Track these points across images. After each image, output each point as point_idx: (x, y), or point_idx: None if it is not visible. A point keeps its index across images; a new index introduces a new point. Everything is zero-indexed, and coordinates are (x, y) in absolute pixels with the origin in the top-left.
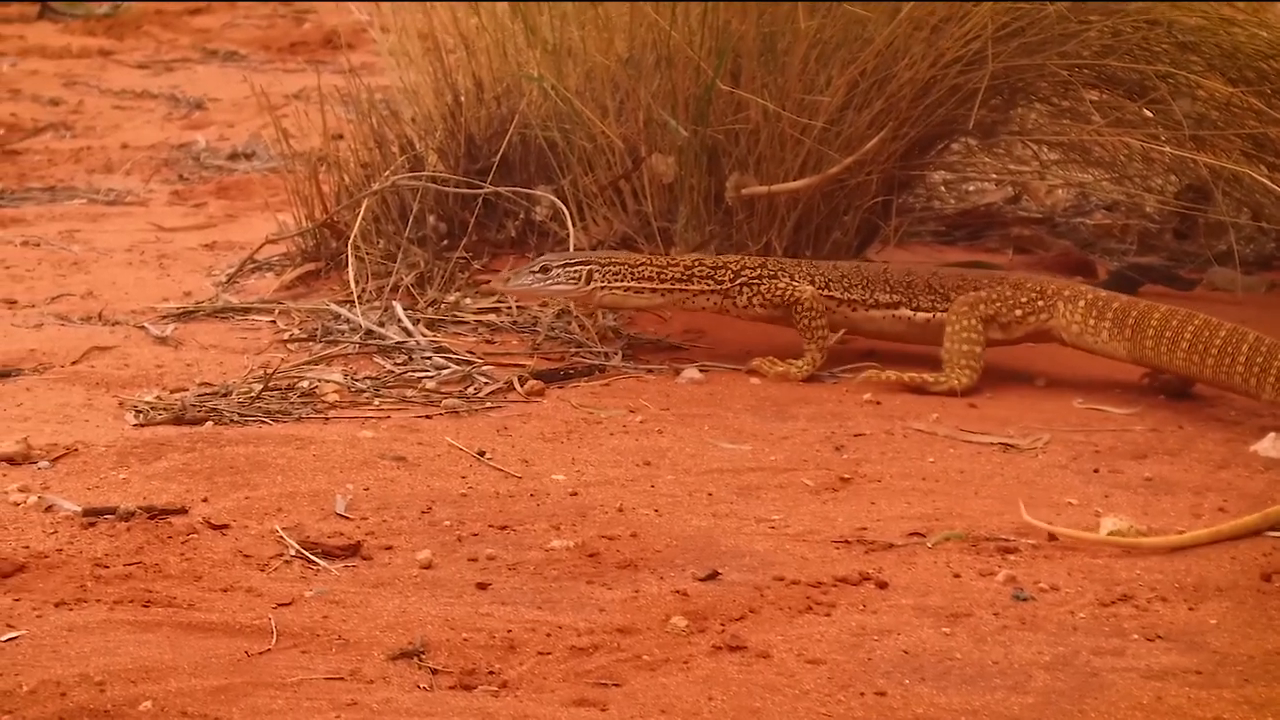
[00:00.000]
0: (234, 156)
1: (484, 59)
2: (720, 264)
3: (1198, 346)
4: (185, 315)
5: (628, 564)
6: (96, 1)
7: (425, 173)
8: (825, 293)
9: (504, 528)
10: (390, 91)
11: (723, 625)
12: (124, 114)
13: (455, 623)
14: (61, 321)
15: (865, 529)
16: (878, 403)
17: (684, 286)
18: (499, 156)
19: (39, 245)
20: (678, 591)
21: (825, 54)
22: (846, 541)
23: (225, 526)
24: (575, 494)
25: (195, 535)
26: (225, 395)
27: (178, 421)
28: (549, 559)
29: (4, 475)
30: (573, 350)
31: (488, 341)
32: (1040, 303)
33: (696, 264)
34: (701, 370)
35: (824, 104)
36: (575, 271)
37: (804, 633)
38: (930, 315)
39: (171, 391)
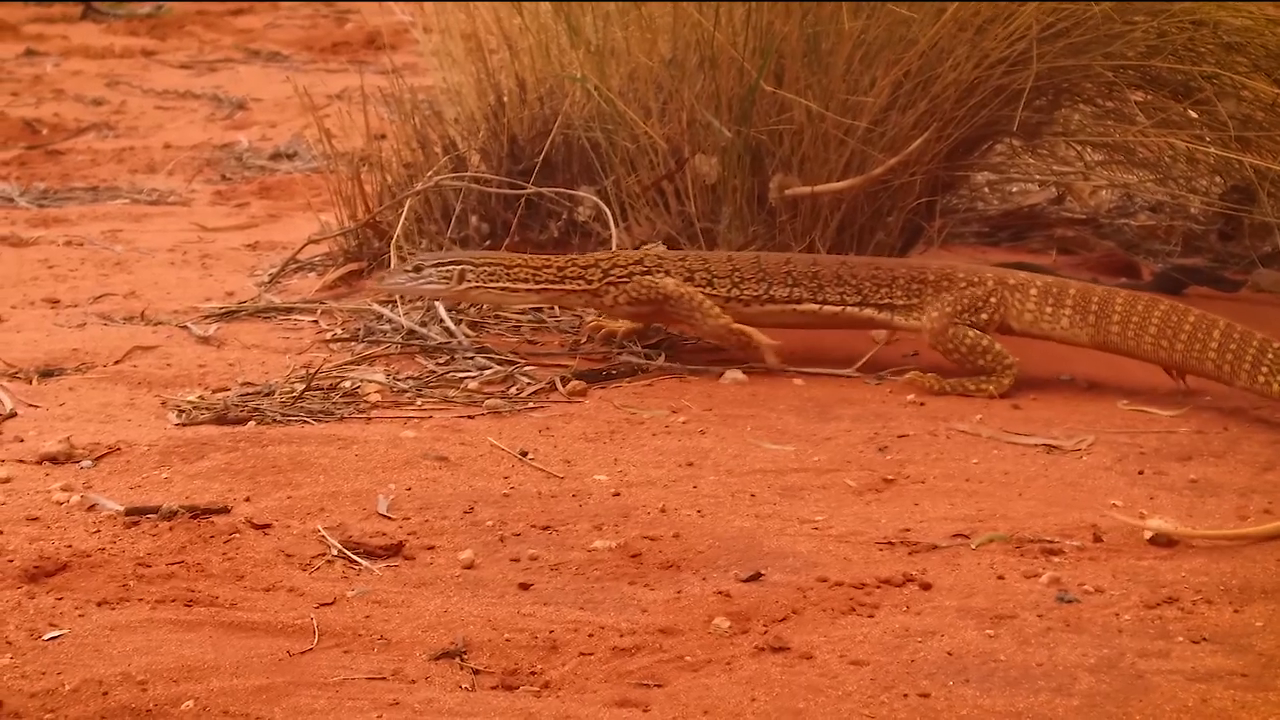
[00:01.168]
0: (276, 156)
1: (527, 60)
2: (592, 263)
3: (1166, 332)
4: (228, 315)
5: (670, 564)
6: (139, 2)
7: (468, 173)
8: (709, 290)
9: (546, 528)
10: (433, 92)
11: (765, 626)
12: (167, 114)
13: (497, 623)
14: (104, 321)
15: (909, 530)
16: (921, 404)
17: (558, 286)
18: (542, 157)
19: (82, 245)
20: (720, 592)
21: (869, 54)
22: (890, 543)
23: (268, 526)
24: (618, 494)
25: (238, 535)
26: (268, 395)
27: (220, 421)
28: (591, 559)
29: (47, 475)
30: (615, 350)
31: (530, 342)
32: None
33: (570, 264)
34: (745, 371)
35: (868, 104)
36: (447, 271)
37: (847, 634)
38: (839, 309)
39: (214, 391)
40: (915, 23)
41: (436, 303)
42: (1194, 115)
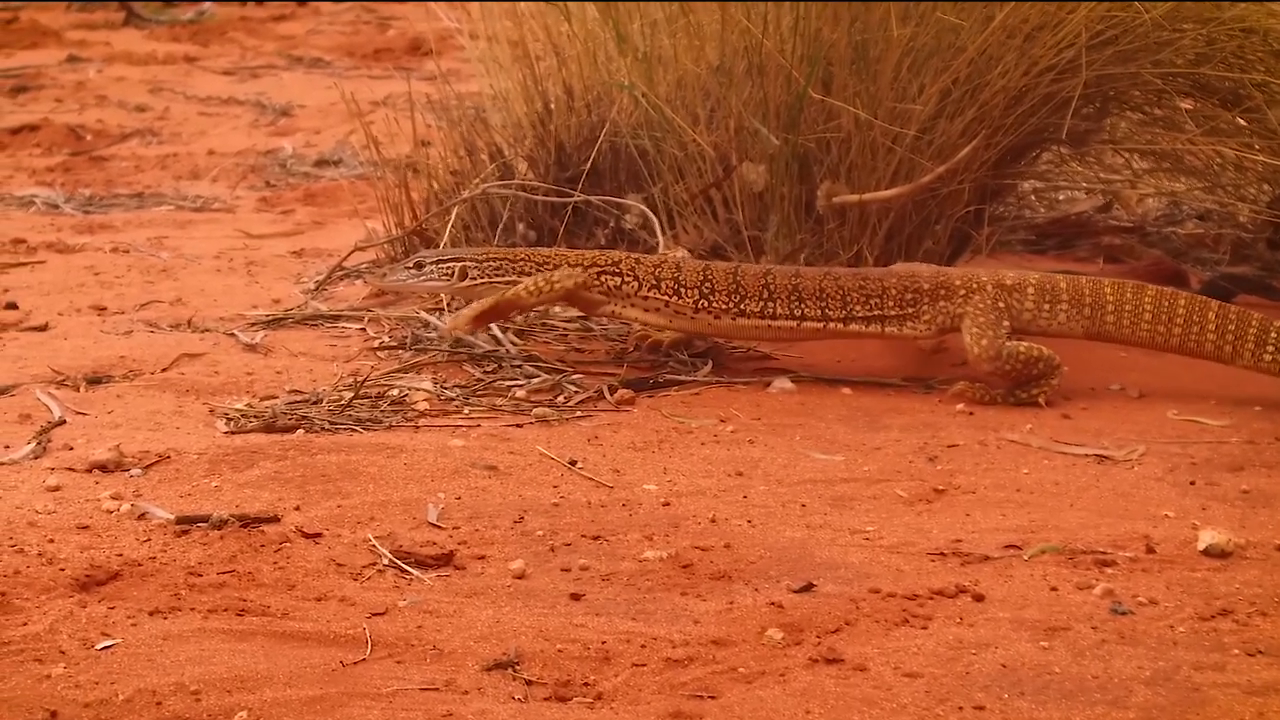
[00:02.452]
0: (321, 163)
1: (574, 67)
2: (589, 260)
3: (1160, 317)
4: (274, 322)
5: (722, 575)
6: (184, 3)
7: (516, 180)
8: (675, 300)
9: (597, 538)
10: (479, 98)
11: (819, 637)
12: (210, 120)
13: (549, 633)
14: (151, 328)
15: (960, 541)
16: (970, 413)
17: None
18: (589, 164)
19: (128, 252)
20: (773, 603)
21: (917, 62)
22: (942, 554)
23: (318, 535)
24: (667, 504)
25: (288, 544)
26: (316, 403)
27: (268, 429)
28: (642, 570)
29: (96, 483)
30: (662, 359)
31: (576, 350)
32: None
33: (556, 255)
34: (793, 380)
35: (916, 112)
36: (448, 268)
37: (900, 645)
38: (821, 325)
39: (261, 399)
40: (964, 30)
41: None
42: (1243, 123)
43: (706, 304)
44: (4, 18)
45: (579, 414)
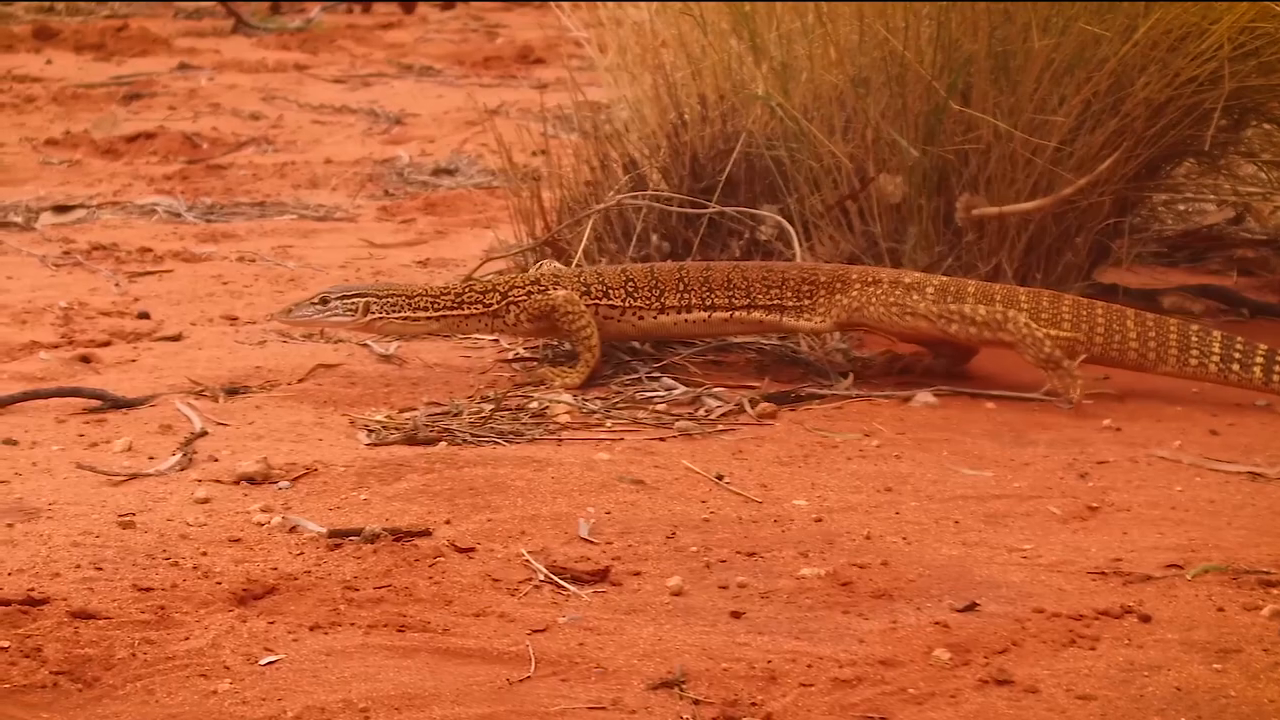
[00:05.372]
0: (437, 172)
1: (709, 77)
2: (491, 286)
3: (1080, 325)
4: None
5: (882, 594)
6: (292, 11)
7: (650, 191)
8: (605, 301)
9: (751, 554)
10: (604, 108)
11: (986, 658)
12: (324, 129)
13: (713, 652)
14: (283, 338)
15: (1120, 560)
16: (1118, 429)
17: (456, 312)
18: (724, 175)
19: (254, 261)
20: (937, 623)
21: (1058, 73)
22: (1102, 573)
23: (471, 550)
24: (819, 520)
25: (442, 558)
26: (456, 415)
27: (411, 441)
28: (801, 587)
29: (245, 495)
30: (801, 371)
31: (714, 363)
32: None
33: (467, 289)
34: (935, 394)
35: (1057, 124)
36: (352, 304)
37: (1070, 667)
38: (728, 314)
39: (400, 411)
40: (1106, 41)
41: None
42: None
43: (633, 303)
44: (114, 25)
45: (721, 427)
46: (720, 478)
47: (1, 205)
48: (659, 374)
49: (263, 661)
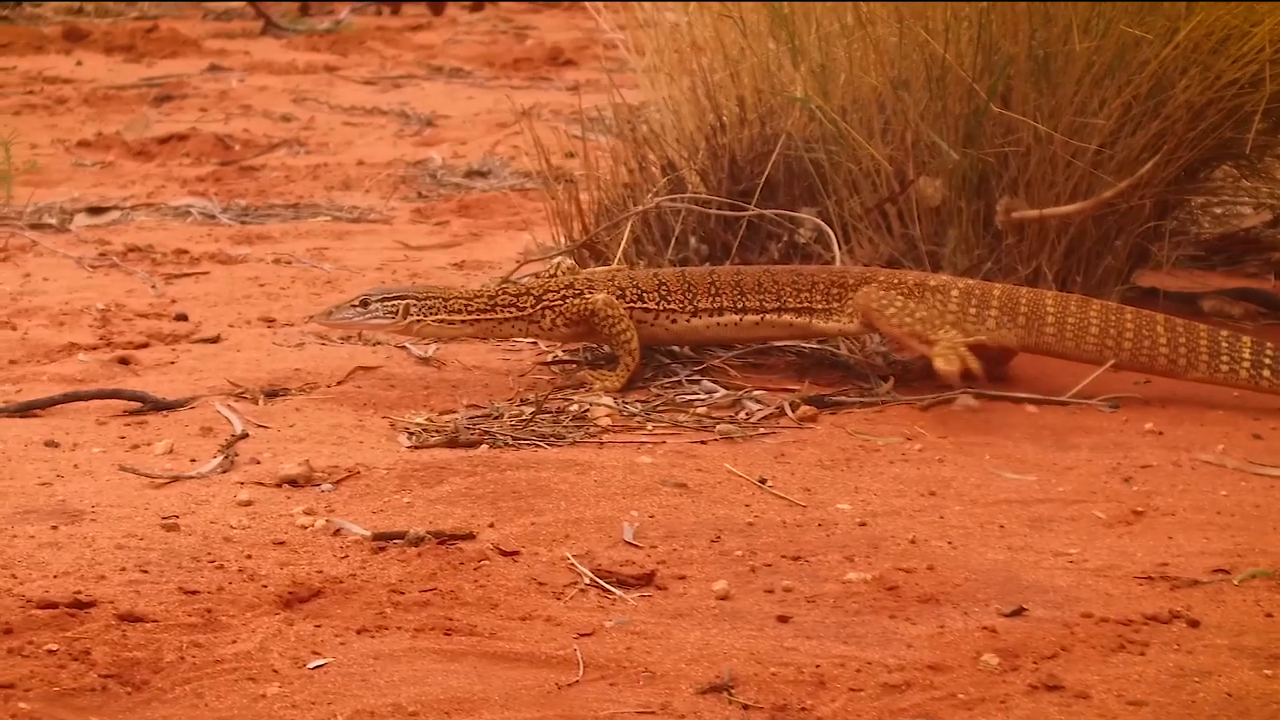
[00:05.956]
0: (470, 174)
1: (747, 79)
2: (526, 290)
3: (1109, 331)
4: None
5: (929, 598)
6: (328, 5)
7: (688, 194)
8: (639, 304)
9: (796, 558)
10: (637, 109)
11: (1035, 663)
12: (355, 130)
13: (760, 656)
14: (321, 341)
15: (1166, 564)
16: (1160, 433)
17: (490, 316)
18: (764, 178)
19: (290, 263)
20: (985, 628)
21: (1098, 76)
22: (1149, 578)
23: (515, 553)
24: (864, 524)
25: (487, 562)
26: (497, 418)
27: (451, 444)
28: (847, 591)
29: (288, 497)
30: (841, 374)
31: (753, 365)
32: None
33: (501, 293)
34: (976, 397)
35: (1097, 126)
36: (393, 306)
37: (1120, 673)
38: (759, 317)
39: (440, 413)
40: (1147, 43)
41: None
42: None
43: (666, 306)
44: (143, 26)
45: (762, 430)
46: (763, 481)
47: (36, 207)
48: (699, 376)
49: (311, 665)
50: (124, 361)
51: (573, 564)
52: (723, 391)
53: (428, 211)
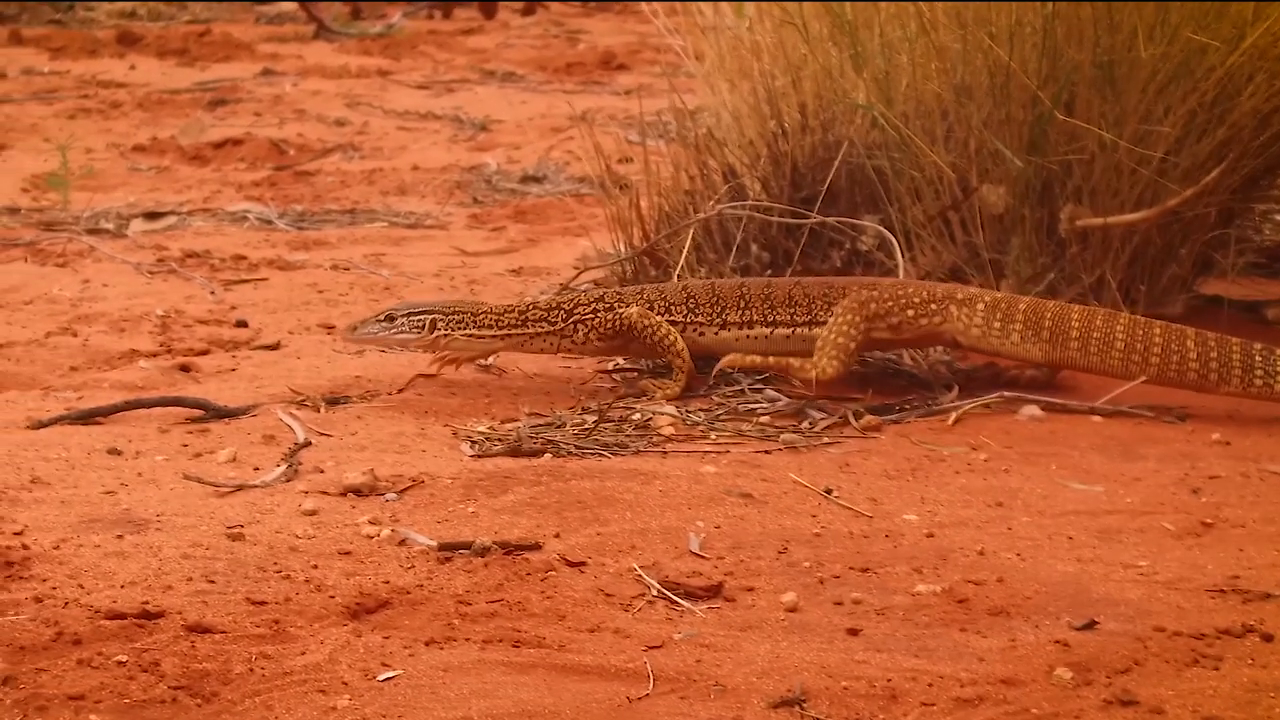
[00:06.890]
0: (525, 179)
1: (809, 86)
2: (555, 304)
3: (1135, 346)
4: None
5: (999, 611)
6: (380, 6)
7: (750, 201)
8: (666, 317)
9: (865, 570)
10: (694, 114)
11: (1109, 678)
12: (409, 135)
13: (831, 669)
14: (382, 348)
15: (1238, 577)
16: (1227, 443)
17: (520, 330)
18: (826, 185)
19: (348, 269)
20: (1057, 641)
21: (1163, 83)
22: (1221, 590)
23: (582, 564)
24: (931, 535)
25: (553, 573)
26: (560, 427)
27: (515, 453)
28: (916, 604)
29: (353, 507)
30: (904, 383)
31: None
32: (932, 305)
33: (531, 307)
34: (1043, 408)
35: (1162, 134)
36: (419, 320)
37: (1195, 687)
38: (790, 331)
39: (502, 421)
40: (1213, 50)
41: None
42: None
43: (694, 319)
44: (196, 30)
45: (826, 440)
46: (829, 491)
47: (93, 212)
48: (761, 385)
49: (381, 678)
50: (185, 368)
51: (640, 575)
52: (785, 400)
53: (484, 217)
